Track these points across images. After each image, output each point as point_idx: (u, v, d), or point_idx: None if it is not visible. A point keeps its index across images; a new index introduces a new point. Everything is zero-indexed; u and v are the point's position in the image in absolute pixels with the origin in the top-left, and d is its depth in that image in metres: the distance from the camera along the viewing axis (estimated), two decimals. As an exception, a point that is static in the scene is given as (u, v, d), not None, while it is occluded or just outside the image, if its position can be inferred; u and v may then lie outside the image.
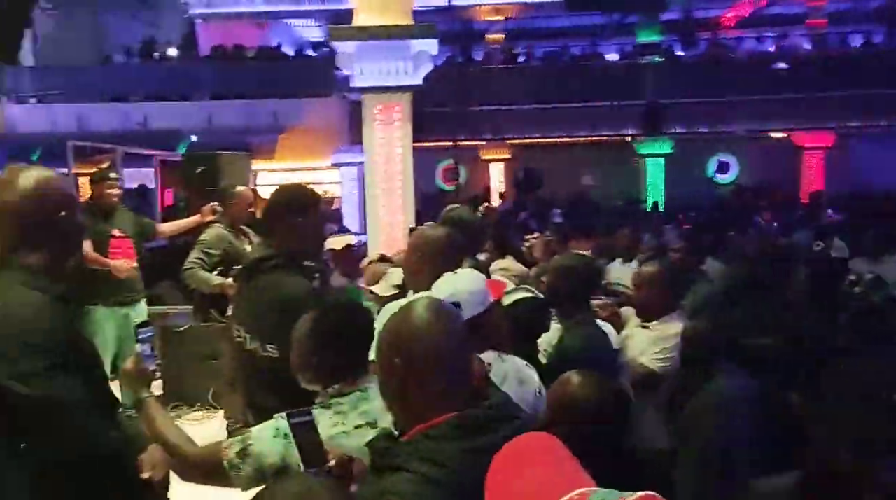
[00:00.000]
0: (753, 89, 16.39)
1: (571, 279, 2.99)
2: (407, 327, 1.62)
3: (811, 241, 7.84)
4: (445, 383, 1.58)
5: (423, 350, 1.58)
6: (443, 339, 1.60)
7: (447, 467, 1.46)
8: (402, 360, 1.58)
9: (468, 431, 1.52)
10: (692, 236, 9.38)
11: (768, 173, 17.68)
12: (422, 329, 1.60)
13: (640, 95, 17.05)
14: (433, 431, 1.53)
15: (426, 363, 1.58)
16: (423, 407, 1.56)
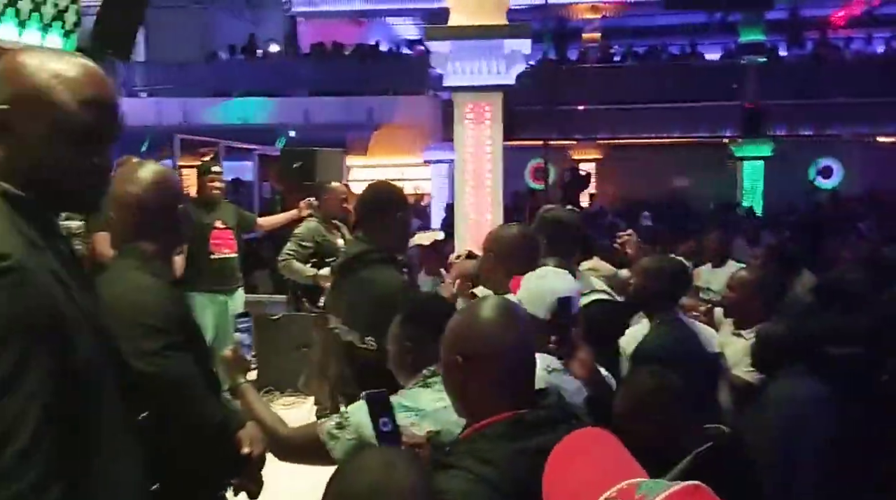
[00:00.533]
0: (861, 92, 15.71)
1: (659, 280, 2.99)
2: (470, 325, 1.64)
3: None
4: (505, 383, 1.59)
5: (483, 350, 1.59)
6: (504, 339, 1.61)
7: (500, 467, 1.48)
8: (463, 358, 1.60)
9: (524, 431, 1.53)
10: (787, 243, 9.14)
11: (875, 179, 16.90)
12: (484, 329, 1.61)
13: (740, 95, 16.59)
14: (489, 430, 1.54)
15: (486, 363, 1.59)
16: (482, 405, 1.58)
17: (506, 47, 6.56)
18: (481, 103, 6.71)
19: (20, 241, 1.28)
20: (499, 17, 6.63)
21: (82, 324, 1.32)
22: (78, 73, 1.38)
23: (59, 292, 1.29)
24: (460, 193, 6.82)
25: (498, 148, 6.73)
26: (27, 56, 1.37)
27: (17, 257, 1.23)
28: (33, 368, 1.21)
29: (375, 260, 2.84)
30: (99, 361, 1.35)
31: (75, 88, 1.36)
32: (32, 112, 1.33)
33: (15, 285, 1.21)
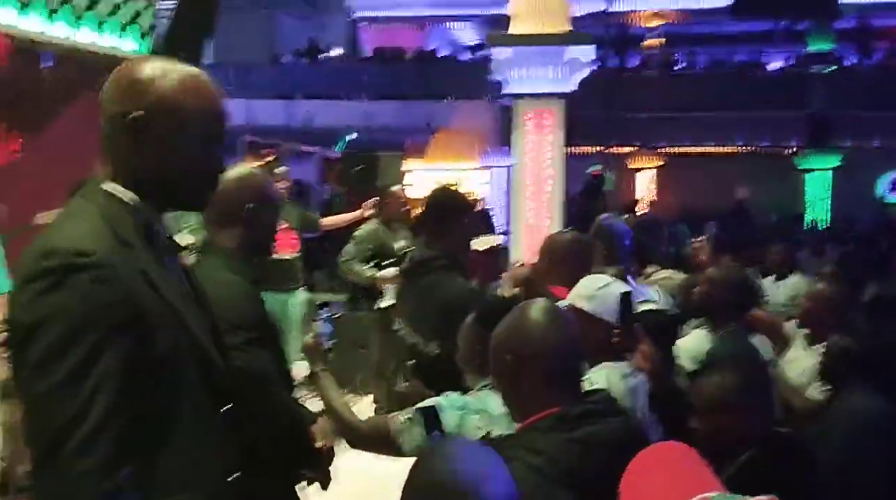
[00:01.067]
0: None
1: (725, 291, 2.99)
2: (520, 327, 1.74)
3: None
4: (553, 381, 1.69)
5: (533, 350, 1.69)
6: (552, 339, 1.71)
7: (549, 456, 1.56)
8: (513, 357, 1.70)
9: (571, 423, 1.62)
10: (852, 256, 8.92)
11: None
12: (534, 330, 1.72)
13: (806, 105, 16.22)
14: (539, 424, 1.64)
15: (535, 363, 1.69)
16: (531, 403, 1.68)
17: (567, 54, 6.61)
18: (542, 110, 6.77)
19: (109, 239, 1.37)
20: (561, 24, 6.67)
21: (167, 319, 1.40)
22: (199, 80, 1.50)
23: (144, 289, 1.37)
24: (518, 198, 6.88)
25: (559, 154, 6.78)
26: (152, 64, 1.48)
27: (100, 254, 1.32)
28: (105, 358, 1.29)
29: (441, 266, 2.90)
30: (182, 353, 1.42)
31: (200, 94, 1.48)
32: (166, 117, 1.44)
33: (94, 281, 1.30)
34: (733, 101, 16.25)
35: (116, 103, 1.44)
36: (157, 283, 1.40)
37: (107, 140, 1.46)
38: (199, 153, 1.48)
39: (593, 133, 15.63)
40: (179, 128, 1.45)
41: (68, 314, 1.27)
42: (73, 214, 1.42)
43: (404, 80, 17.49)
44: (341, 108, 17.58)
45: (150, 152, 1.44)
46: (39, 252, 1.33)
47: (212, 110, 1.50)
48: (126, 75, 1.46)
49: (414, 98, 17.07)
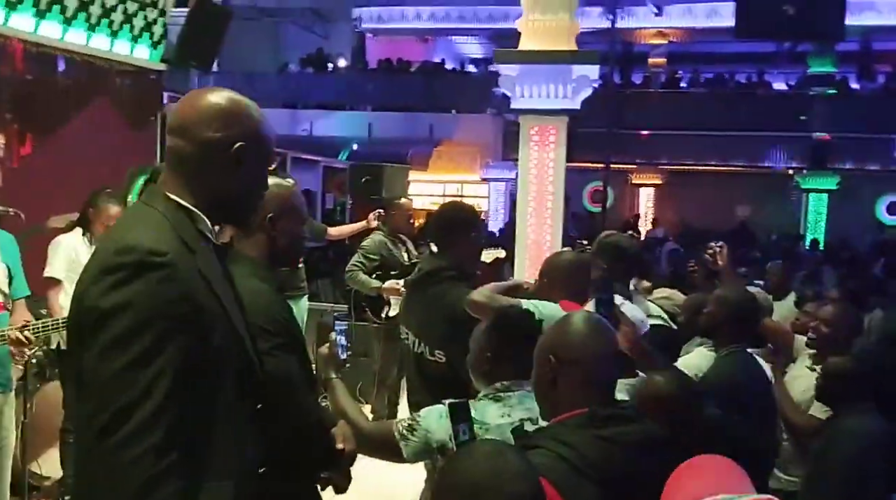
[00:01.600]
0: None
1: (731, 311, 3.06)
2: (565, 331, 1.89)
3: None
4: (588, 384, 1.82)
5: (574, 354, 1.83)
6: (593, 349, 1.85)
7: (577, 448, 1.67)
8: (556, 359, 1.83)
9: (599, 422, 1.74)
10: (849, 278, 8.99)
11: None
12: (577, 336, 1.86)
13: (807, 126, 16.36)
14: (570, 421, 1.76)
15: (575, 365, 1.82)
16: (566, 401, 1.81)
17: (573, 73, 6.69)
18: (547, 126, 6.84)
19: (176, 243, 1.51)
20: (568, 42, 6.75)
21: (220, 317, 1.54)
22: (257, 109, 1.67)
23: (202, 288, 1.52)
24: (522, 214, 6.94)
25: (560, 171, 6.85)
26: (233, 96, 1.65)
27: (171, 255, 1.47)
28: (168, 349, 1.41)
29: (448, 277, 2.97)
30: (228, 352, 1.56)
31: (268, 127, 1.67)
32: (258, 148, 1.64)
33: (164, 279, 1.44)
34: (734, 120, 16.40)
35: (213, 130, 1.59)
36: (213, 285, 1.55)
37: (187, 159, 1.60)
38: (263, 178, 1.70)
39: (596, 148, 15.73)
40: (264, 158, 1.67)
41: (139, 306, 1.40)
42: (142, 217, 1.57)
43: (409, 92, 17.63)
44: (346, 118, 17.73)
45: (238, 176, 1.63)
46: (116, 249, 1.47)
47: (273, 144, 1.71)
48: (217, 105, 1.61)
49: (418, 110, 17.23)
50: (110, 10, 6.43)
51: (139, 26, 6.79)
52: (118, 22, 6.54)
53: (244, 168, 1.62)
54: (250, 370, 1.65)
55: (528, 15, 6.80)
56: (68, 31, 6.02)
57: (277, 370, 1.91)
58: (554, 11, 6.72)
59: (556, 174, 6.92)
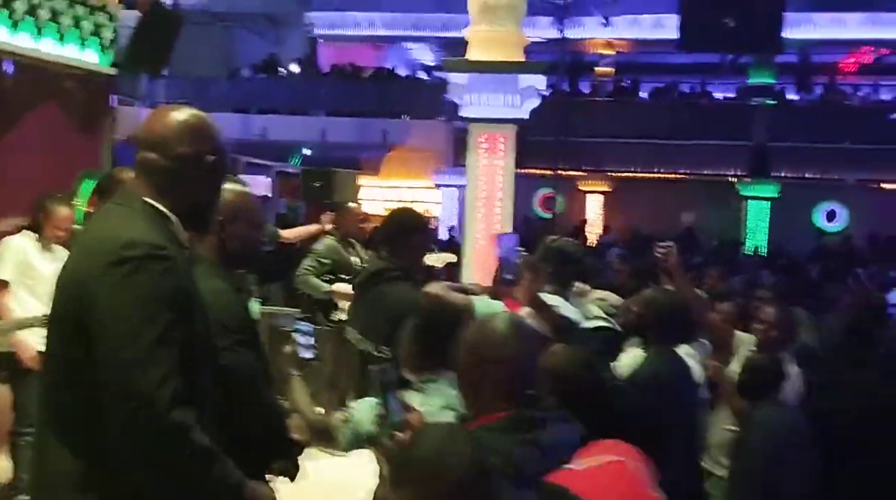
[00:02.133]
0: (868, 138, 16.00)
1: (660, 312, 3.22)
2: (487, 333, 1.92)
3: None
4: (510, 386, 1.85)
5: (497, 355, 1.86)
6: (515, 349, 1.88)
7: (502, 455, 1.72)
8: (478, 360, 1.87)
9: (521, 426, 1.79)
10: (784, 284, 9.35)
11: (880, 225, 17.12)
12: (499, 338, 1.89)
13: (748, 136, 16.87)
14: (494, 425, 1.80)
15: (497, 367, 1.85)
16: (489, 402, 1.85)
17: (521, 82, 6.90)
18: (495, 134, 7.03)
19: (167, 240, 1.71)
20: (516, 53, 6.96)
21: (200, 310, 1.75)
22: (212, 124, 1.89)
23: (189, 281, 1.73)
24: (470, 219, 7.11)
25: (510, 179, 7.04)
26: (198, 113, 1.87)
27: (169, 249, 1.67)
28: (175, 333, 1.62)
29: (393, 277, 3.10)
30: (205, 339, 1.77)
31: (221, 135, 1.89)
32: (223, 160, 1.88)
33: (166, 270, 1.64)
34: (679, 129, 16.83)
35: (185, 145, 1.80)
36: (191, 277, 1.77)
37: (160, 171, 1.79)
38: (217, 189, 1.93)
39: (545, 156, 16.01)
40: (225, 168, 1.91)
41: (148, 295, 1.60)
42: (130, 217, 1.74)
43: (361, 98, 17.68)
44: (298, 123, 17.69)
45: (206, 186, 1.86)
46: (119, 244, 1.64)
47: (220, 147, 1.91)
48: (186, 122, 1.83)
49: (370, 115, 17.29)
50: (59, 13, 6.41)
51: (88, 30, 6.77)
52: (66, 25, 6.52)
53: (206, 179, 1.83)
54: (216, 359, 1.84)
55: (476, 25, 6.99)
56: (16, 34, 5.99)
57: (238, 365, 2.02)
58: (501, 23, 6.92)
59: (506, 181, 7.10)
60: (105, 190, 5.31)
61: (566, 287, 3.63)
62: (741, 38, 13.00)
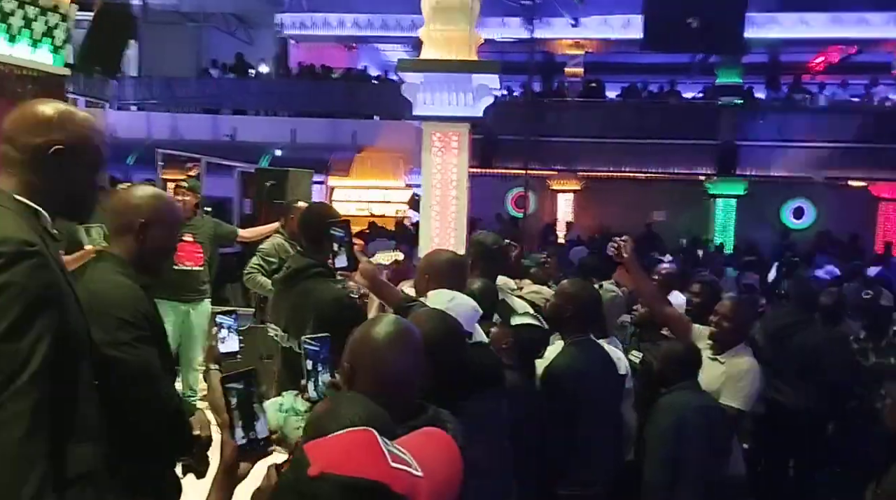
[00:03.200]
0: (834, 136, 16.24)
1: (573, 303, 3.29)
2: (365, 336, 1.82)
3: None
4: (383, 393, 1.72)
5: (367, 362, 1.78)
6: (389, 358, 1.77)
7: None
8: (352, 364, 1.80)
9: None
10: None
11: (844, 222, 17.36)
12: (374, 343, 1.80)
13: (715, 135, 17.06)
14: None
15: (367, 374, 1.77)
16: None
17: (474, 81, 6.94)
18: (448, 133, 7.07)
19: (37, 236, 1.71)
20: (469, 52, 7.00)
21: (73, 303, 1.75)
22: (95, 120, 1.89)
23: (61, 277, 1.72)
24: (425, 217, 7.15)
25: (463, 175, 7.08)
26: (58, 105, 1.85)
27: (40, 245, 1.66)
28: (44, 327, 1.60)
29: (315, 274, 3.13)
30: (81, 333, 1.77)
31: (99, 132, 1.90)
32: (79, 150, 1.83)
33: (37, 266, 1.63)
34: (648, 128, 16.99)
35: (34, 136, 1.78)
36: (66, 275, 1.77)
37: (16, 163, 1.78)
38: (89, 179, 1.88)
39: (516, 156, 16.11)
40: (89, 162, 1.86)
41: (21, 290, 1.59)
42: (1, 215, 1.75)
43: (331, 98, 17.68)
44: (267, 123, 17.68)
45: (62, 176, 1.82)
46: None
47: (102, 147, 1.90)
48: (40, 113, 1.81)
49: (340, 116, 17.30)
50: (8, 14, 6.38)
51: (40, 31, 6.74)
52: (17, 26, 6.49)
53: (66, 170, 1.80)
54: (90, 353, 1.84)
55: (430, 25, 7.03)
56: (-37, 34, 5.97)
57: (139, 361, 2.05)
58: (455, 22, 6.96)
59: (460, 179, 7.14)
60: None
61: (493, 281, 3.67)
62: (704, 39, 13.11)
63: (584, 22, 17.64)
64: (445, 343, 2.27)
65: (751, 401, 3.61)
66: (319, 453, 1.33)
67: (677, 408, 3.21)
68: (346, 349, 1.87)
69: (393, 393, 1.74)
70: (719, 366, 3.67)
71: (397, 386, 1.76)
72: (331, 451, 1.33)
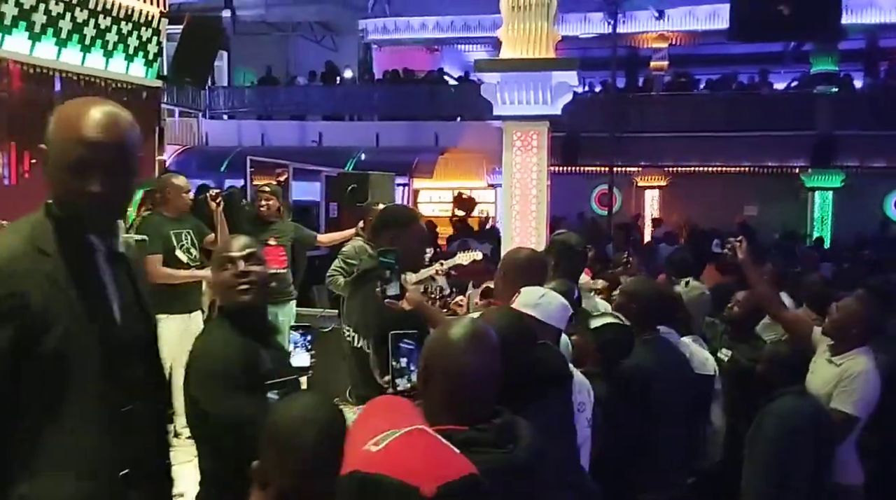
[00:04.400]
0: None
1: (639, 301, 3.21)
2: (441, 340, 1.82)
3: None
4: (455, 401, 1.74)
5: (444, 365, 1.76)
6: (465, 357, 1.76)
7: None
8: (427, 364, 1.80)
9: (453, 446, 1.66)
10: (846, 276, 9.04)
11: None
12: (451, 346, 1.78)
13: (811, 125, 16.38)
14: None
15: (444, 377, 1.76)
16: (434, 412, 1.76)
17: (553, 79, 6.86)
18: (528, 131, 7.01)
19: (20, 248, 1.63)
20: (547, 50, 6.94)
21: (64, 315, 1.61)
22: (78, 112, 1.68)
23: (43, 289, 1.60)
24: (507, 218, 7.12)
25: (543, 174, 7.00)
26: (68, 103, 1.74)
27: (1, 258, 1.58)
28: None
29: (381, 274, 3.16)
30: (79, 347, 1.63)
31: (69, 125, 1.67)
32: (52, 149, 1.68)
33: None
34: (738, 121, 16.46)
35: (48, 137, 1.70)
36: (64, 285, 1.62)
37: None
38: (73, 182, 1.65)
39: (601, 153, 15.91)
40: (67, 160, 1.65)
41: None
42: (13, 226, 1.73)
43: (414, 101, 17.88)
44: (352, 128, 18.03)
45: (51, 177, 1.70)
46: None
47: (76, 139, 1.64)
48: (57, 113, 1.71)
49: (423, 118, 17.47)
50: (105, 30, 6.71)
51: (133, 45, 7.06)
52: (112, 42, 6.82)
53: (51, 170, 1.67)
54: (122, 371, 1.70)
55: (508, 24, 7.00)
56: (63, 51, 6.30)
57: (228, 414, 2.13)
58: (533, 20, 6.91)
59: (539, 178, 7.08)
60: (153, 196, 5.56)
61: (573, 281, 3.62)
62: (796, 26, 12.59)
63: (668, 14, 17.26)
64: (516, 342, 2.25)
65: (865, 407, 3.39)
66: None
67: (788, 414, 3.12)
68: (423, 350, 1.88)
69: (466, 394, 1.74)
70: (834, 368, 3.49)
71: (471, 388, 1.75)
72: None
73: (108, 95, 6.95)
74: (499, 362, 1.82)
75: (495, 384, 1.80)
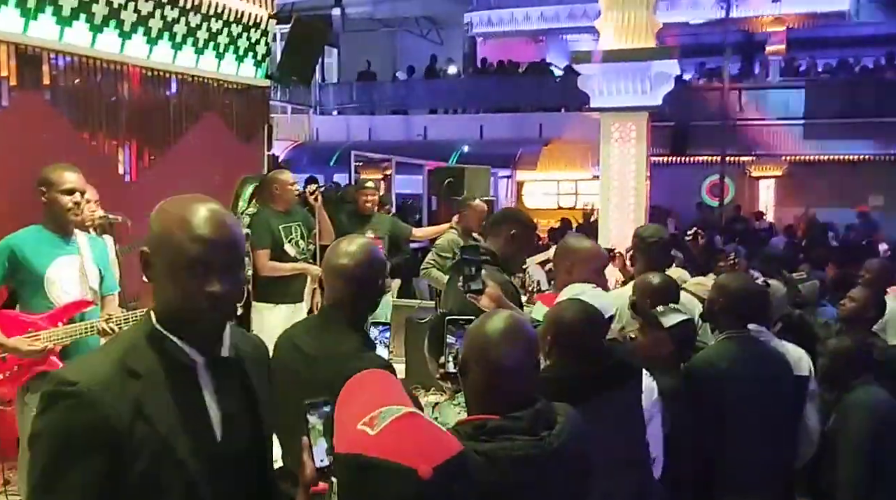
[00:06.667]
0: None
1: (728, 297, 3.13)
2: (481, 331, 1.86)
3: None
4: (491, 391, 1.79)
5: (483, 355, 1.81)
6: (501, 349, 1.80)
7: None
8: (467, 357, 1.85)
9: (485, 435, 1.72)
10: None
11: None
12: (486, 338, 1.83)
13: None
14: (462, 428, 1.76)
15: (484, 367, 1.80)
16: (474, 402, 1.83)
17: (653, 69, 6.75)
18: (627, 122, 6.93)
19: (108, 370, 1.54)
20: (647, 39, 6.83)
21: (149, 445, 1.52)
22: (187, 211, 1.57)
23: (129, 417, 1.51)
24: (604, 209, 7.07)
25: (642, 167, 6.91)
26: (166, 204, 1.61)
27: (84, 384, 1.49)
28: (68, 471, 1.47)
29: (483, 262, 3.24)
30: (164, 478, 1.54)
31: (182, 226, 1.55)
32: (160, 250, 1.55)
33: (69, 408, 1.48)
34: (861, 106, 15.58)
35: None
36: (148, 412, 1.53)
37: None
38: (184, 281, 1.53)
39: (712, 141, 15.43)
40: (167, 260, 1.54)
41: (52, 433, 1.49)
42: (106, 346, 1.69)
43: (517, 93, 17.86)
44: (456, 121, 18.18)
45: (157, 283, 1.58)
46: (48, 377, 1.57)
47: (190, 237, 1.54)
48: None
49: (528, 110, 17.43)
50: (216, 33, 7.04)
51: (243, 47, 7.38)
52: (224, 44, 7.14)
53: (154, 275, 1.57)
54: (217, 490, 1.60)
55: (607, 13, 6.93)
56: (178, 54, 6.66)
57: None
58: (632, 8, 6.81)
59: (638, 170, 6.99)
60: (262, 191, 5.83)
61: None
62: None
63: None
64: (586, 332, 2.31)
65: None
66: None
67: (869, 405, 3.09)
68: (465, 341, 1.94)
69: (501, 385, 1.79)
70: None
71: (505, 378, 1.80)
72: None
73: (220, 95, 7.30)
74: (534, 355, 1.89)
75: (530, 375, 1.85)
